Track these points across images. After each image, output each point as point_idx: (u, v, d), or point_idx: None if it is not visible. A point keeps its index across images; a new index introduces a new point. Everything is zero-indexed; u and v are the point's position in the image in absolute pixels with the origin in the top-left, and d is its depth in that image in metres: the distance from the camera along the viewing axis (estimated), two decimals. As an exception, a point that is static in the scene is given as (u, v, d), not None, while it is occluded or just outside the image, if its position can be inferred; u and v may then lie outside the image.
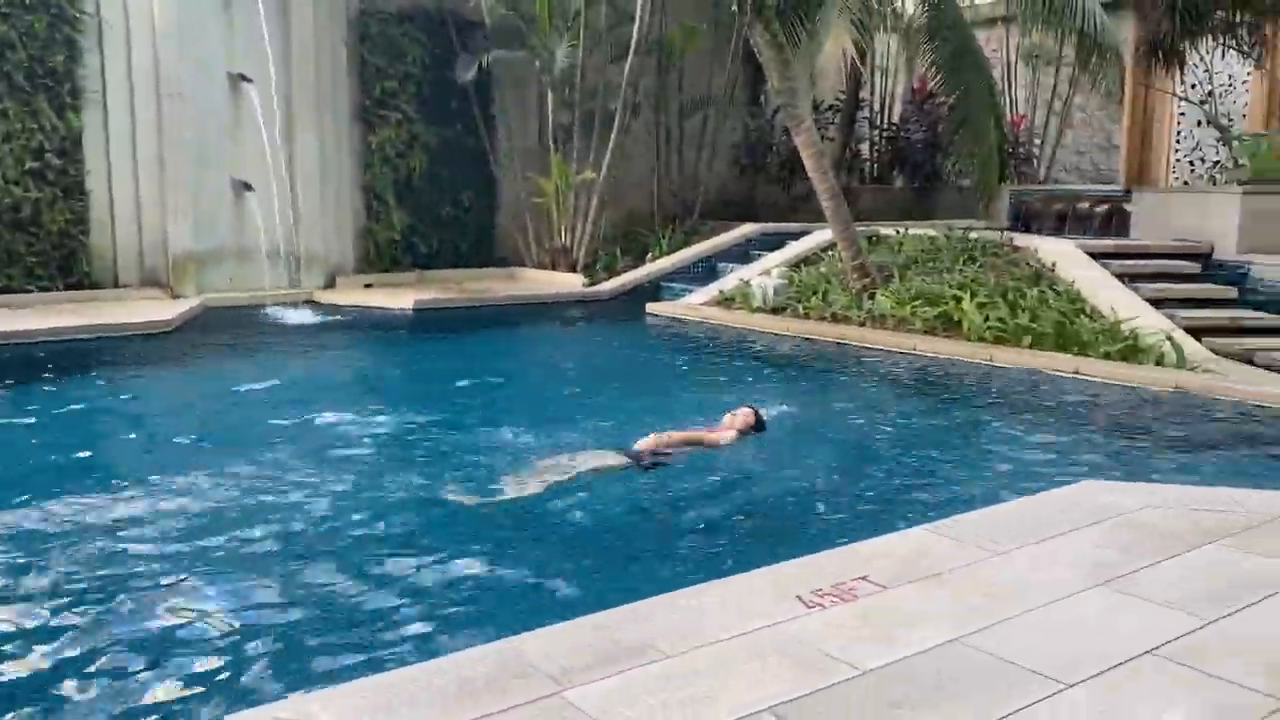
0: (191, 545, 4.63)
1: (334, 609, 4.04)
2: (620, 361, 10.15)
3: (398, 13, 14.09)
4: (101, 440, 6.93)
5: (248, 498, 5.30)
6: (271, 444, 6.30)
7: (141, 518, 5.01)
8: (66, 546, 4.60)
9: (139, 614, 3.94)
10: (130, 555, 4.50)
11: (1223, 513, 4.54)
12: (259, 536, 4.76)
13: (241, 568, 4.40)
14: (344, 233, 14.01)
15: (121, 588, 4.15)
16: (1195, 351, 8.75)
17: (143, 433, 7.07)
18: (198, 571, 4.33)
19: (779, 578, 3.73)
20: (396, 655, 3.59)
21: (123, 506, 5.17)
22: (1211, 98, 16.10)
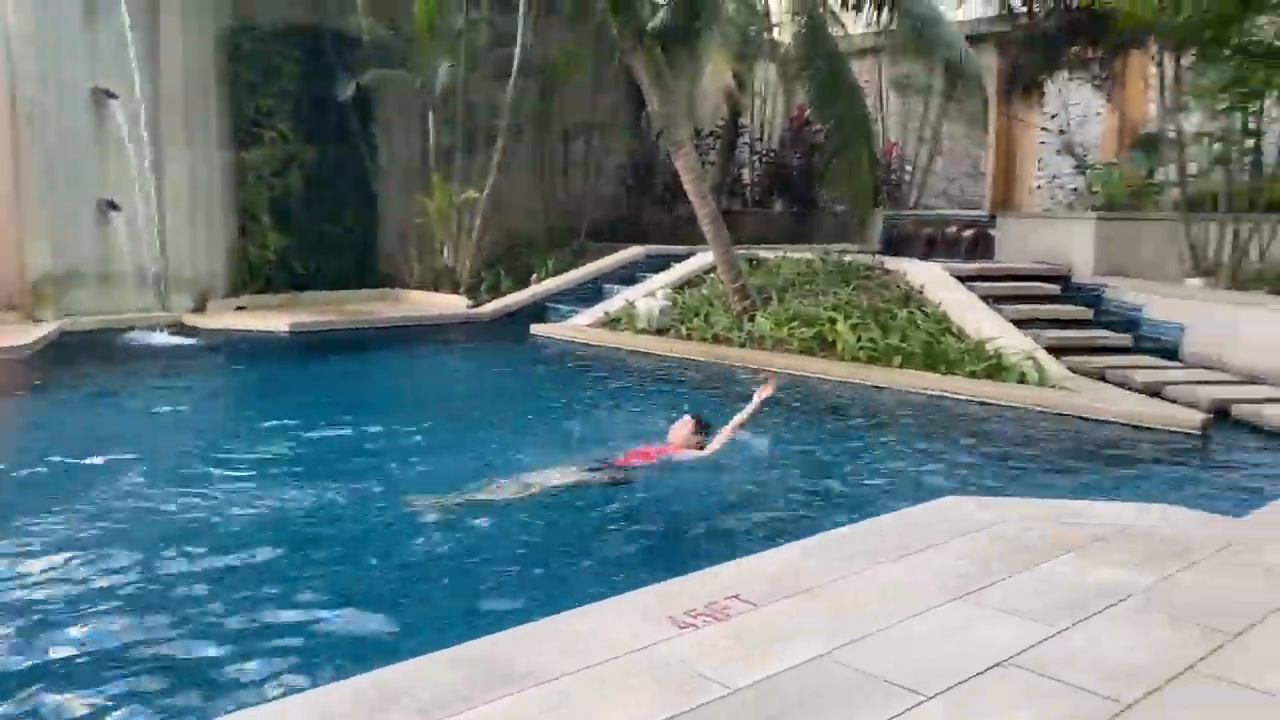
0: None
1: (173, 649, 3.89)
2: (500, 384, 10.08)
3: (273, 30, 13.79)
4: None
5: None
6: (72, 486, 5.90)
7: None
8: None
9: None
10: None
11: (1076, 525, 4.77)
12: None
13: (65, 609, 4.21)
14: (215, 253, 13.59)
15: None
16: (1055, 370, 9.18)
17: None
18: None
19: (653, 600, 3.76)
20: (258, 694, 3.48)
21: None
22: (1068, 128, 17.00)
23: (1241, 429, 7.89)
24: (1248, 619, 3.71)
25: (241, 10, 13.66)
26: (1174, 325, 10.44)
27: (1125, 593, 3.93)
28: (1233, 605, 3.83)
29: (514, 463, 6.47)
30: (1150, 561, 4.29)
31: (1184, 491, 6.16)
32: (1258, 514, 5.26)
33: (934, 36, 13.38)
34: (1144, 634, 3.57)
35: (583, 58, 15.77)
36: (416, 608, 4.42)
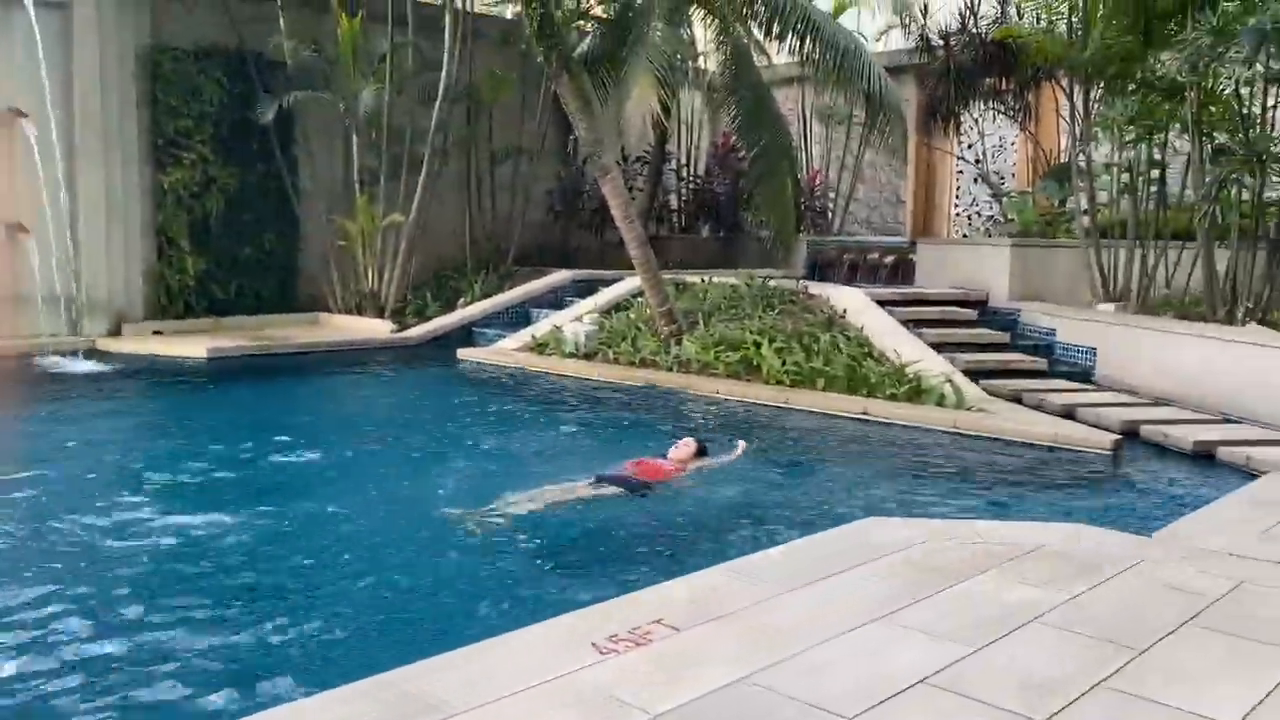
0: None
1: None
2: (425, 410, 9.94)
3: (194, 50, 13.55)
4: None
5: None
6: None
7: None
8: None
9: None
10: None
11: (992, 545, 4.87)
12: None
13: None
14: (132, 277, 13.25)
15: None
16: (972, 393, 9.39)
17: None
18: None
19: (575, 625, 3.74)
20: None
21: None
22: (984, 158, 17.49)
23: (1150, 449, 8.15)
24: (1155, 634, 3.82)
25: (162, 30, 13.40)
26: (1086, 349, 10.78)
27: (1040, 611, 4.02)
28: (1141, 621, 3.95)
29: (432, 490, 6.43)
30: (1064, 580, 4.40)
31: (1096, 511, 6.34)
32: (1165, 531, 5.43)
33: (855, 68, 13.63)
34: (1057, 651, 3.65)
35: (509, 82, 15.78)
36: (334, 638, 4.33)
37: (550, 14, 11.26)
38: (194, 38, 13.62)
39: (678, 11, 13.33)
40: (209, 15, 13.70)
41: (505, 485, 6.29)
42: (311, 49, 13.95)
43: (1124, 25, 10.96)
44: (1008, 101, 15.53)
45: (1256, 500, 6.01)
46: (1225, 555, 4.86)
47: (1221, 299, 10.39)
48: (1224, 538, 5.18)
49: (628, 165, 17.50)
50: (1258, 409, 8.65)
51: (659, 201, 18.59)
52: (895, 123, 14.06)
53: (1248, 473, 7.20)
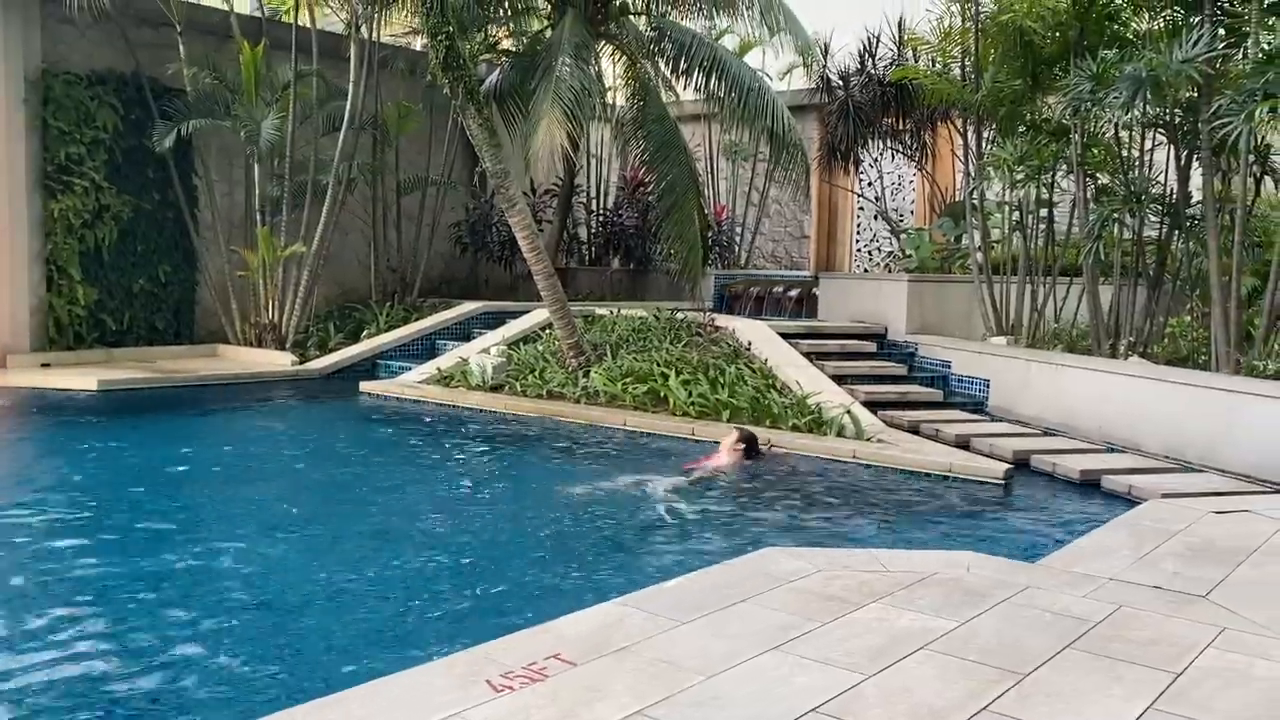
0: None
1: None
2: (319, 444, 9.73)
3: (87, 74, 13.19)
4: None
5: None
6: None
7: None
8: None
9: None
10: None
11: (885, 573, 4.98)
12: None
13: None
14: (18, 308, 12.74)
15: None
16: (871, 423, 9.59)
17: None
18: None
19: (470, 662, 3.70)
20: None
21: None
22: (883, 195, 17.99)
23: (1040, 478, 8.42)
24: (1038, 659, 3.94)
25: (53, 54, 13.01)
26: (979, 380, 11.12)
27: (930, 638, 4.12)
28: (1026, 647, 4.07)
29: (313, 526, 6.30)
30: (953, 607, 4.51)
31: (987, 538, 6.52)
32: (1052, 558, 5.61)
33: (759, 106, 13.96)
34: (946, 677, 3.74)
35: (416, 114, 15.71)
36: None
37: (456, 46, 11.25)
38: (88, 62, 13.27)
39: (586, 47, 13.50)
40: (104, 39, 13.35)
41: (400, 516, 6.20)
42: (212, 76, 13.70)
43: (1013, 69, 11.45)
44: (905, 141, 16.03)
45: (1135, 527, 6.26)
46: (1105, 580, 5.04)
47: (1106, 333, 10.84)
48: (1104, 563, 5.38)
49: (536, 197, 17.55)
50: (1141, 439, 9.03)
51: (568, 234, 18.65)
52: (798, 160, 14.42)
53: (1130, 500, 7.50)
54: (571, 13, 13.89)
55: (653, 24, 15.13)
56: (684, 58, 14.44)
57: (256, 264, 13.80)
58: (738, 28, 16.27)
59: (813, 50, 15.91)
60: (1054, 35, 11.06)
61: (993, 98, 11.62)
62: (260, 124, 13.39)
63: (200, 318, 14.59)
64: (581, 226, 19.69)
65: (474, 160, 17.30)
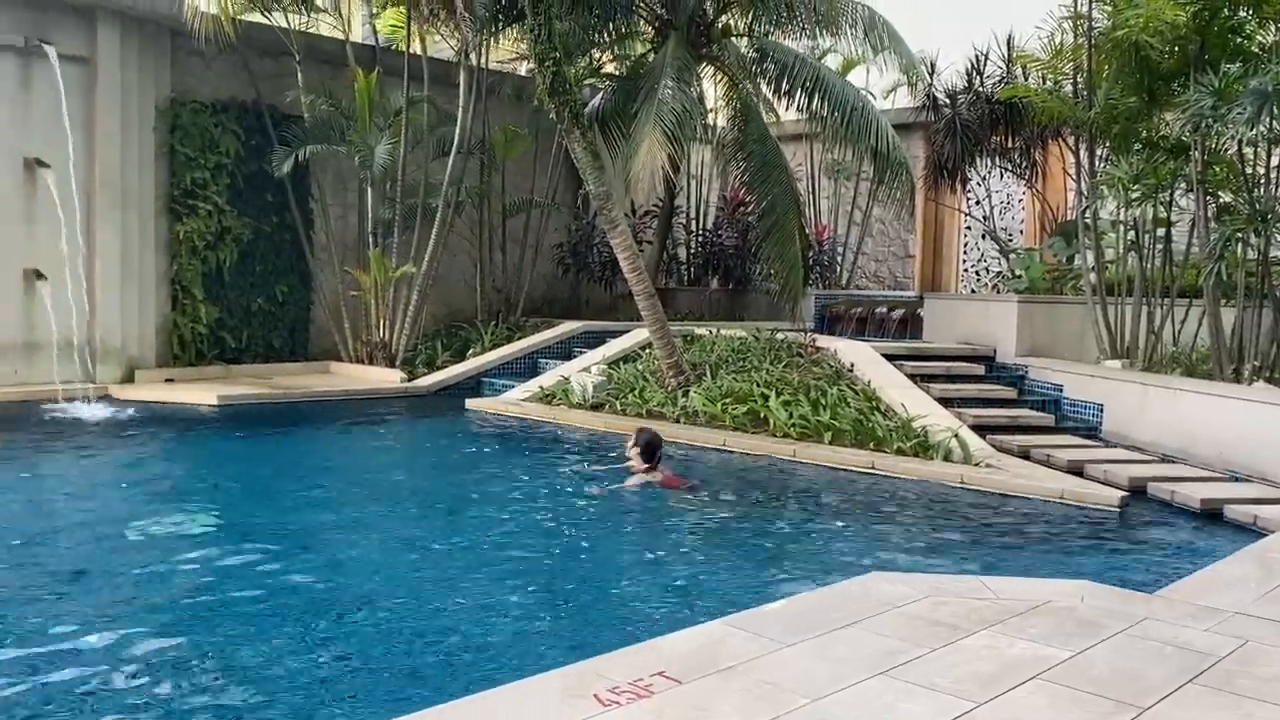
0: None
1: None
2: (430, 459, 9.98)
3: (212, 103, 13.84)
4: None
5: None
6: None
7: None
8: None
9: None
10: None
11: (995, 601, 4.87)
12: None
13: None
14: (145, 325, 13.39)
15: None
16: (979, 448, 9.39)
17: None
18: None
19: (575, 676, 3.75)
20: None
21: None
22: (991, 214, 17.62)
23: (1157, 506, 8.12)
24: (1157, 693, 3.81)
25: (181, 83, 13.70)
26: (1093, 405, 10.78)
27: (1042, 667, 4.01)
28: (1143, 679, 3.94)
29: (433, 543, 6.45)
30: (1066, 636, 4.39)
31: (1101, 568, 6.32)
32: (1169, 589, 5.41)
33: (862, 125, 13.86)
34: (1059, 708, 3.64)
35: (522, 138, 16.04)
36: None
37: (563, 72, 11.48)
38: (213, 91, 13.92)
39: (688, 70, 13.60)
40: (228, 69, 14.00)
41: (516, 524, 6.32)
42: (328, 103, 14.22)
43: (1128, 86, 11.11)
44: (1014, 159, 15.69)
45: (1262, 559, 5.98)
46: (1230, 614, 4.84)
47: (1229, 356, 10.40)
48: (1228, 597, 5.16)
49: (637, 218, 17.71)
50: (1266, 467, 8.62)
51: (667, 254, 18.77)
52: (903, 179, 14.26)
53: (1255, 531, 7.18)
54: (674, 36, 14.02)
55: (755, 45, 15.17)
56: (786, 78, 14.45)
57: (368, 284, 14.25)
58: (840, 47, 16.19)
59: (918, 69, 15.73)
60: (1172, 50, 10.70)
61: (1106, 115, 11.30)
62: (373, 149, 13.84)
63: (314, 336, 15.12)
64: (681, 247, 19.79)
65: (576, 183, 17.58)
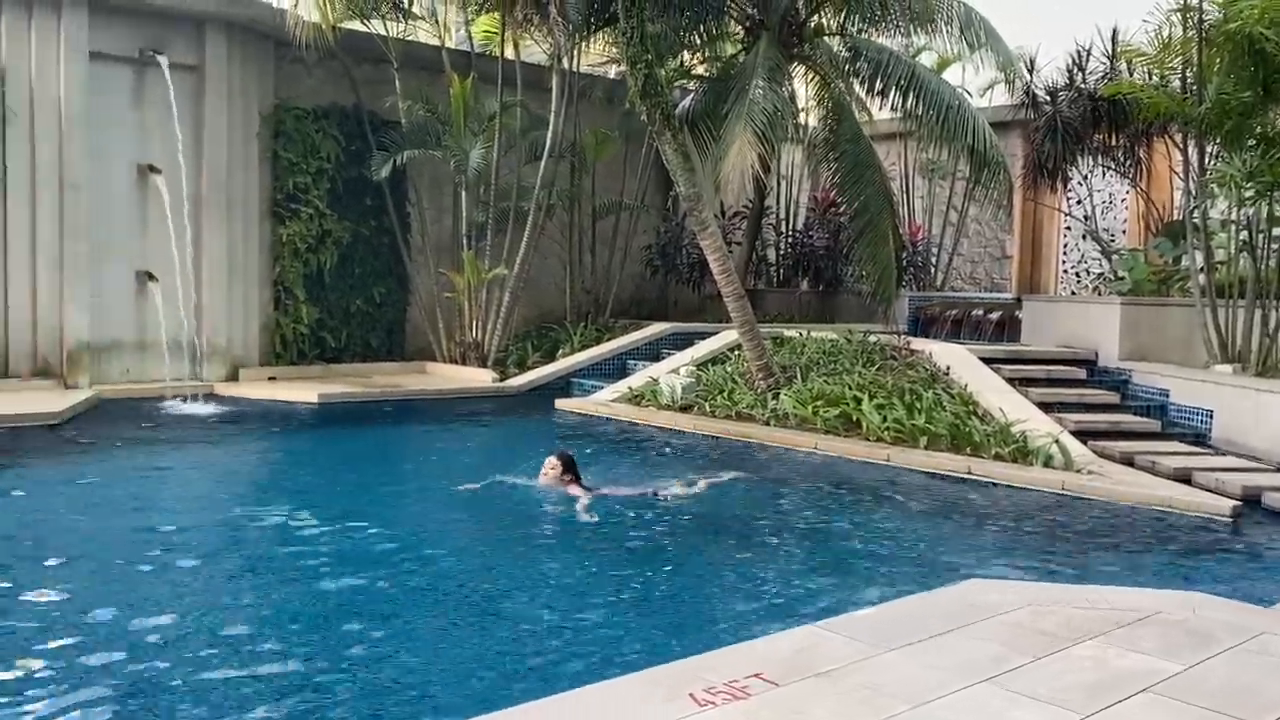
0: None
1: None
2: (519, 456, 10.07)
3: (314, 109, 14.24)
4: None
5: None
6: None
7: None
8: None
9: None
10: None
11: (1101, 611, 4.72)
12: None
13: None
14: (250, 325, 13.84)
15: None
16: (1081, 454, 9.12)
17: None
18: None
19: (672, 675, 3.75)
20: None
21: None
22: (1093, 214, 17.11)
23: (1272, 517, 7.78)
24: (1275, 709, 3.65)
25: (284, 90, 14.12)
26: (1201, 411, 10.39)
27: (1152, 680, 3.88)
28: (1265, 694, 3.78)
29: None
30: (1177, 649, 4.23)
31: (1211, 579, 6.08)
32: (1288, 603, 5.18)
33: (958, 123, 13.58)
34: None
35: (612, 141, 16.14)
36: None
37: (655, 74, 11.51)
38: (314, 97, 14.32)
39: (779, 69, 13.50)
40: (328, 76, 14.39)
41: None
42: (425, 108, 14.51)
43: (1242, 80, 10.67)
44: (1118, 157, 15.19)
45: (1390, 573, 5.69)
46: (1355, 630, 4.61)
47: (1350, 362, 9.92)
48: (1354, 612, 4.92)
49: (726, 220, 17.66)
50: (1391, 477, 8.20)
51: (757, 255, 18.66)
52: (1000, 178, 13.92)
53: (1380, 544, 6.83)
54: (766, 36, 13.94)
55: (848, 44, 14.98)
56: (880, 76, 14.23)
57: (462, 286, 14.50)
58: (935, 44, 15.88)
59: (1016, 65, 15.35)
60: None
61: (1218, 110, 10.87)
62: (468, 153, 14.08)
63: (410, 336, 15.43)
64: (770, 248, 19.66)
65: (665, 185, 17.61)
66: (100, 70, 12.36)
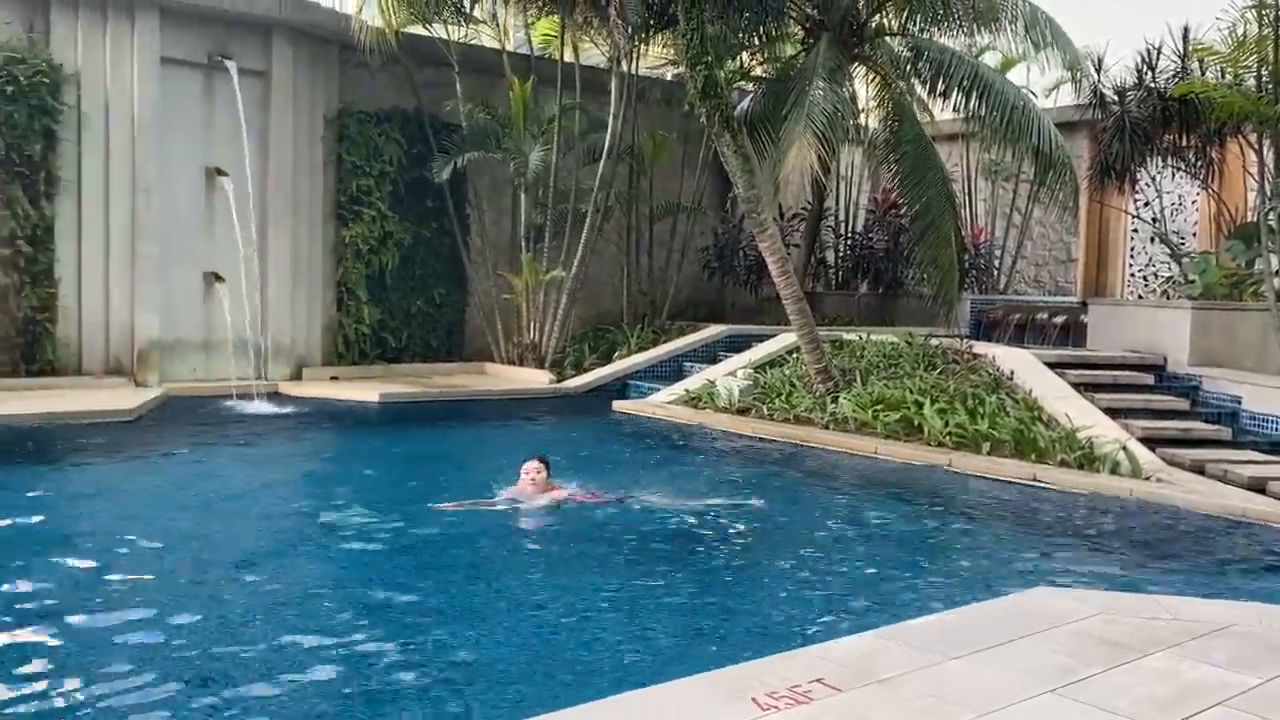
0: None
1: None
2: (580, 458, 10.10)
3: (376, 113, 14.43)
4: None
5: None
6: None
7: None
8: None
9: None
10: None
11: (1171, 621, 4.61)
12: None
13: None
14: (313, 325, 14.08)
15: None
16: (1149, 461, 8.91)
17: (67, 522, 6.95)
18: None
19: (734, 679, 3.73)
20: None
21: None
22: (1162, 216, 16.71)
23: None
24: (1361, 727, 3.53)
25: (348, 95, 14.34)
26: (1275, 418, 10.08)
27: (1227, 694, 3.77)
28: (1344, 712, 3.66)
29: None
30: (1252, 662, 4.12)
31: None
32: (1370, 618, 5.00)
33: (1023, 124, 13.37)
34: (1248, 738, 3.42)
35: (670, 143, 16.13)
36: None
37: (714, 75, 11.49)
38: (377, 101, 14.52)
39: (839, 70, 13.41)
40: (391, 80, 14.58)
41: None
42: (485, 111, 14.64)
43: (1320, 77, 10.37)
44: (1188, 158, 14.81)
45: None
46: None
47: None
48: None
49: (785, 221, 17.56)
50: None
51: (816, 257, 18.53)
52: (1065, 179, 13.68)
53: None
54: (826, 37, 13.85)
55: (909, 44, 14.82)
56: (942, 77, 14.06)
57: (520, 287, 14.60)
58: (999, 44, 15.65)
59: (1083, 65, 15.05)
60: (1372, 38, 9.93)
61: (1295, 108, 10.57)
62: (527, 156, 14.18)
63: (469, 337, 15.58)
64: (829, 250, 19.50)
65: (723, 186, 17.57)
66: (170, 75, 12.66)
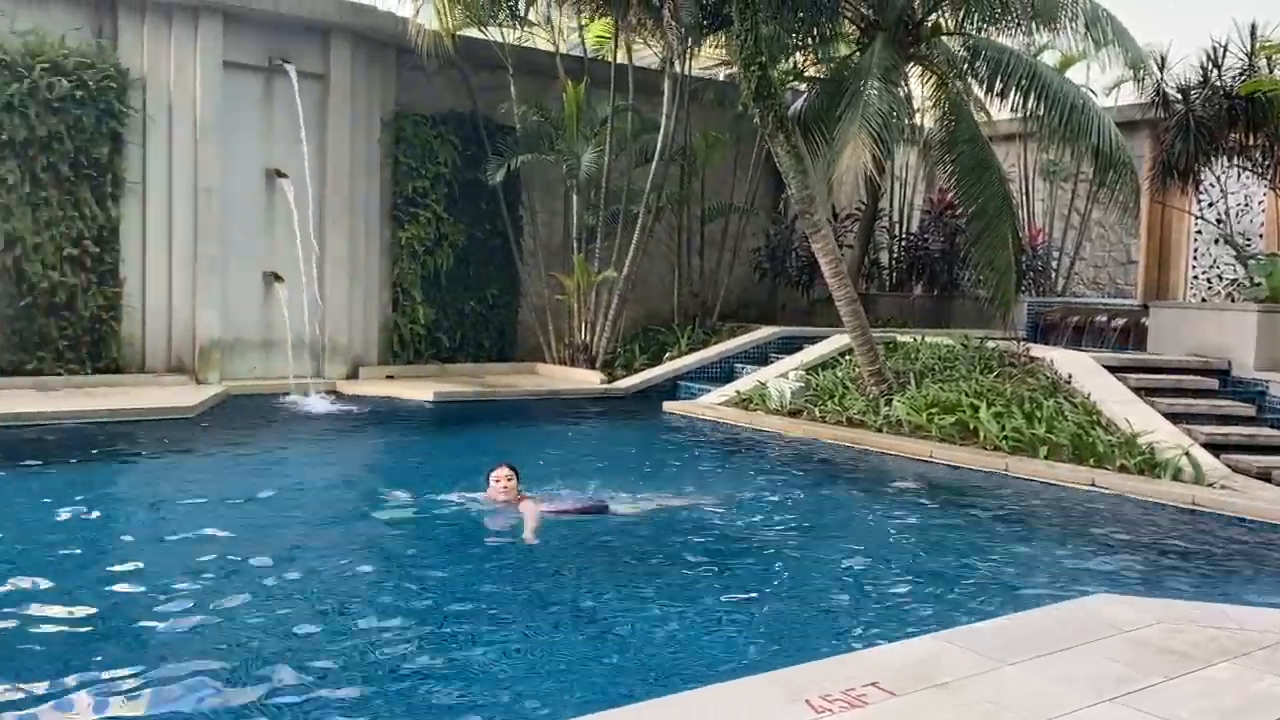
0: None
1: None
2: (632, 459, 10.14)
3: (432, 115, 14.60)
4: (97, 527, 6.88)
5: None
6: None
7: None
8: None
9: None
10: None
11: (1236, 631, 4.51)
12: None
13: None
14: (370, 325, 14.27)
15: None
16: (1213, 468, 8.71)
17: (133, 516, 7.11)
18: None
19: (788, 681, 3.72)
20: None
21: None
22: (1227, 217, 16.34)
23: None
24: None
25: (404, 97, 14.52)
26: (1348, 425, 9.81)
27: (1296, 706, 3.68)
28: None
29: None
30: (1323, 675, 4.01)
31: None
32: None
33: (1082, 123, 13.13)
34: (1318, 752, 3.34)
35: (723, 143, 16.11)
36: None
37: (768, 75, 11.44)
38: (433, 104, 14.68)
39: (895, 70, 13.28)
40: (446, 83, 14.74)
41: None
42: (538, 113, 14.73)
43: (1394, 74, 10.07)
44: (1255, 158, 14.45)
45: None
46: None
47: None
48: None
49: (839, 222, 17.44)
50: None
51: (869, 258, 18.38)
52: (1126, 180, 13.42)
53: None
54: (881, 36, 13.72)
55: (966, 43, 14.64)
56: (999, 76, 13.85)
57: (572, 288, 14.67)
58: (1058, 42, 15.40)
59: (1145, 63, 14.76)
60: None
61: (1368, 106, 10.27)
62: (580, 157, 14.24)
63: (521, 337, 15.69)
64: (883, 251, 19.33)
65: (776, 187, 17.49)
66: (232, 78, 12.91)
